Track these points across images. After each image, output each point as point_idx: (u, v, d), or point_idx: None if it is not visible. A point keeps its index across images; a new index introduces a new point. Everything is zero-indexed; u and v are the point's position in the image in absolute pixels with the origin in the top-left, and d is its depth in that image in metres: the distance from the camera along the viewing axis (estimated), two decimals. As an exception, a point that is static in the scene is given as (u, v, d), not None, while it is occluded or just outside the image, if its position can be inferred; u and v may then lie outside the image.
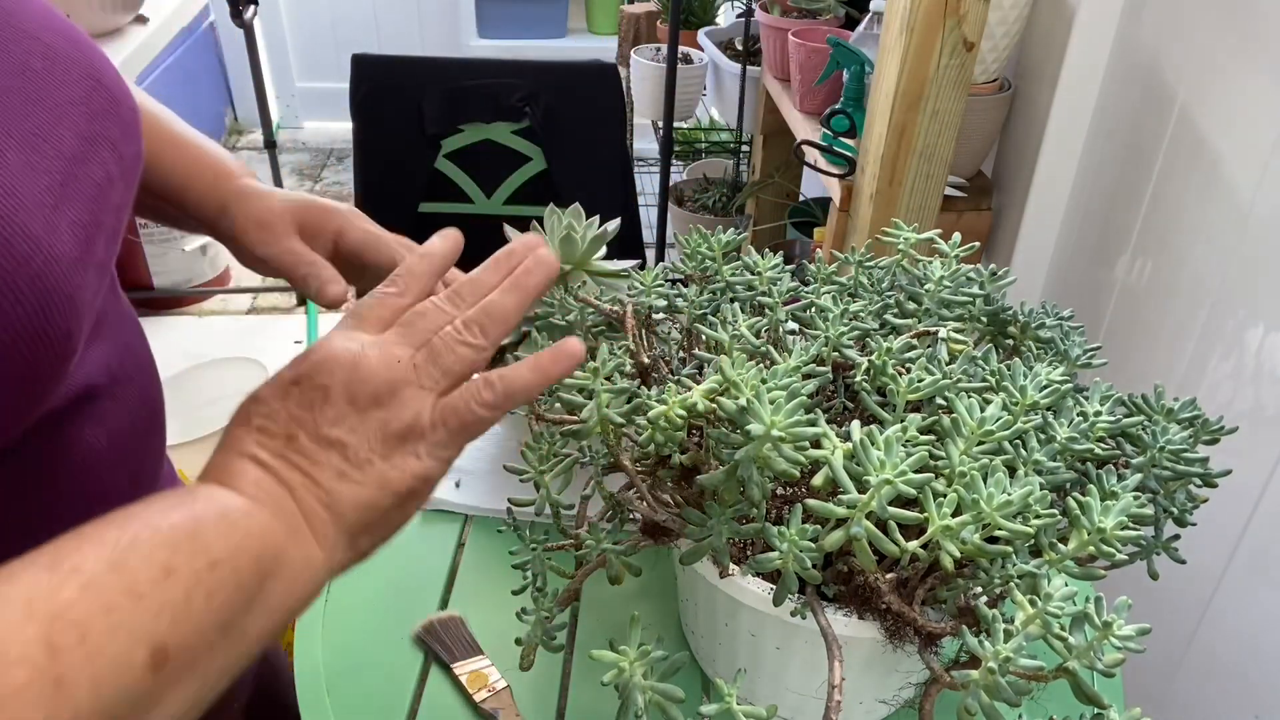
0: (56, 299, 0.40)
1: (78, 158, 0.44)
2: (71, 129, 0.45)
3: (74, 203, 0.43)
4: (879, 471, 0.47)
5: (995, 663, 0.44)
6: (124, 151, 0.48)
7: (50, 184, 0.42)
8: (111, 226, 0.47)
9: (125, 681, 0.35)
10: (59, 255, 0.41)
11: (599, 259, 0.89)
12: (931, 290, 0.67)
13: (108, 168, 0.46)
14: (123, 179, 0.48)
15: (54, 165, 0.43)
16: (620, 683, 0.49)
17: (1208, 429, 0.59)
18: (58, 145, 0.43)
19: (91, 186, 0.45)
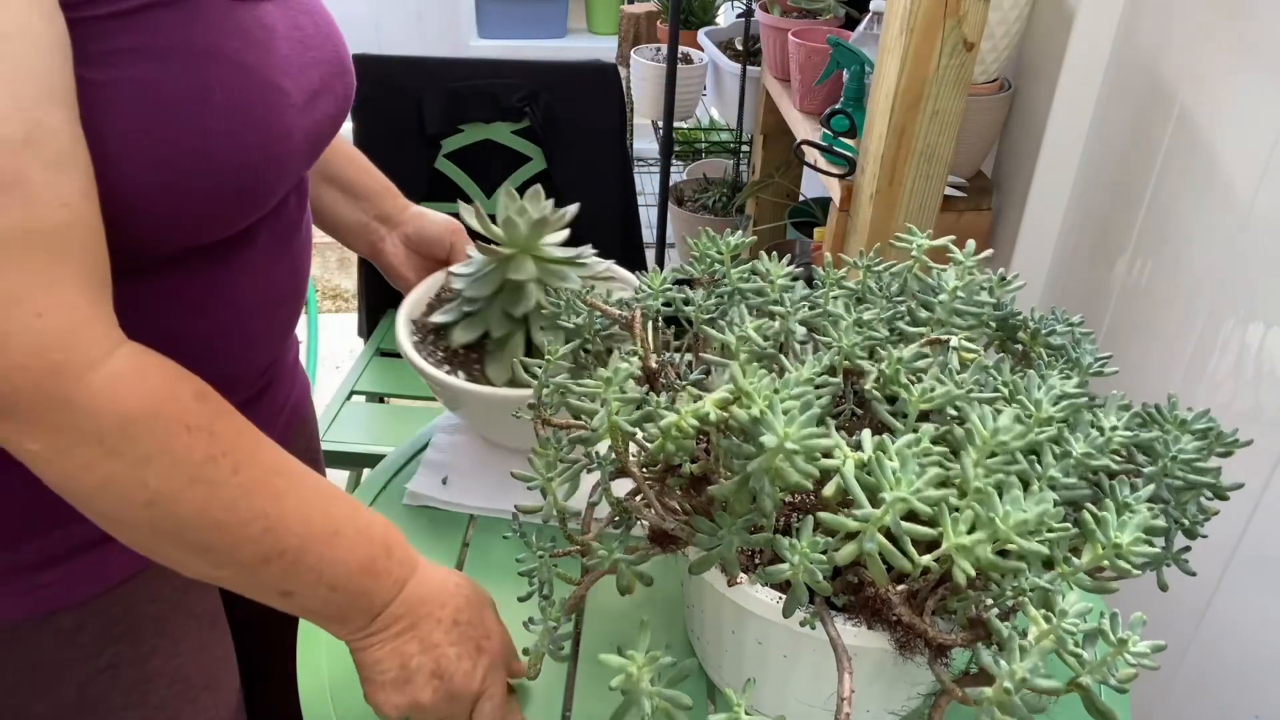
0: (278, 162, 0.63)
1: (318, 92, 0.67)
2: (319, 74, 0.67)
3: (308, 116, 0.66)
4: (894, 487, 0.47)
5: (1011, 682, 0.44)
6: (340, 106, 0.72)
7: (300, 99, 0.64)
8: (319, 149, 0.71)
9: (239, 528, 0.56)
10: (291, 136, 0.63)
11: (553, 244, 0.88)
12: (945, 300, 0.66)
13: (329, 109, 0.69)
14: (332, 122, 0.71)
15: (307, 89, 0.65)
16: (627, 687, 0.49)
17: (1221, 441, 0.59)
18: (310, 79, 0.66)
19: (319, 113, 0.68)
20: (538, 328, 0.87)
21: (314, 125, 0.67)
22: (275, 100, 0.61)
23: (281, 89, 0.62)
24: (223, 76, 0.57)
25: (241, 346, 0.72)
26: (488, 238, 0.88)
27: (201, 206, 0.60)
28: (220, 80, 0.57)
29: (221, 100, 0.57)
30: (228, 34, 0.58)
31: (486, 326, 0.87)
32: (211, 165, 0.58)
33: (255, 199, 0.64)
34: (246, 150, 0.59)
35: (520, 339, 0.87)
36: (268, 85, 0.61)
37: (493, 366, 0.88)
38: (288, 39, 0.64)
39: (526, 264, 0.86)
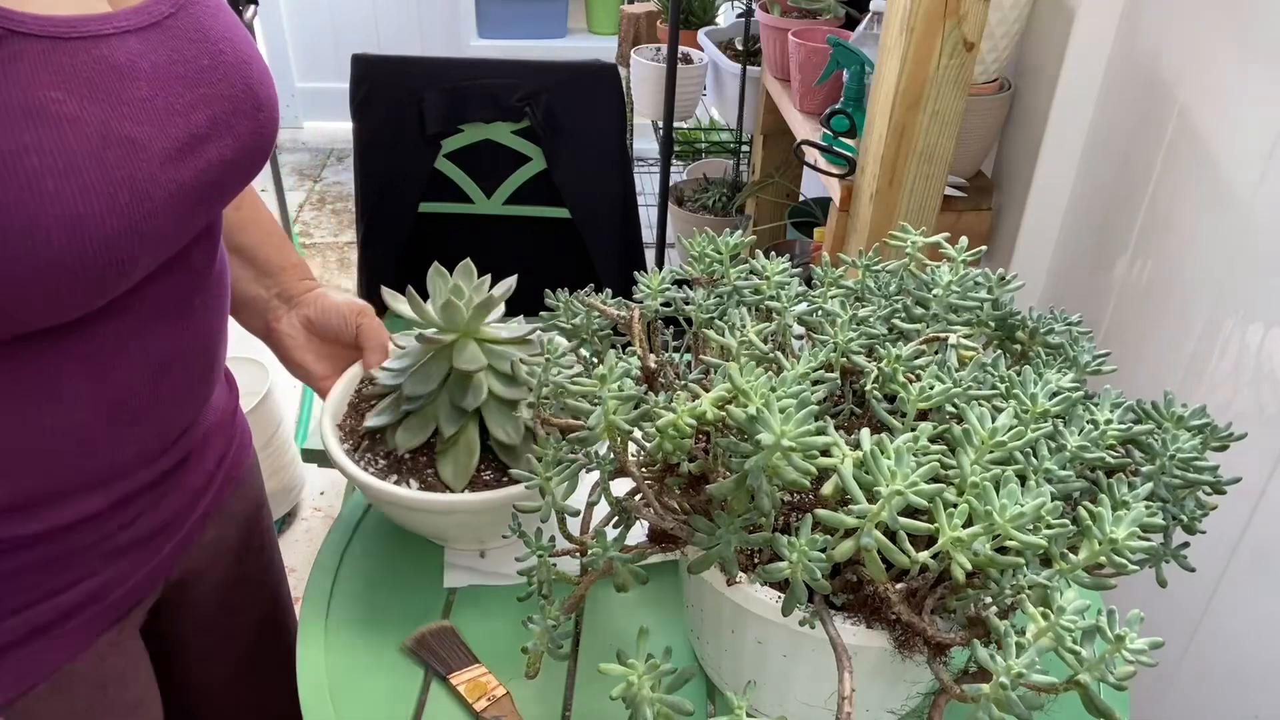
0: (134, 228, 0.53)
1: (203, 137, 0.58)
2: (207, 114, 0.58)
3: (183, 166, 0.56)
4: (890, 482, 0.47)
5: (1007, 678, 0.44)
6: (248, 145, 0.62)
7: (169, 148, 0.55)
8: (210, 199, 0.61)
9: None
10: (150, 195, 0.54)
11: (494, 322, 0.81)
12: (940, 295, 0.66)
13: (225, 153, 0.60)
14: (237, 167, 0.62)
15: (180, 135, 0.56)
16: (628, 695, 0.49)
17: (1217, 436, 0.59)
18: (191, 122, 0.57)
19: (204, 161, 0.58)
20: (492, 419, 0.80)
21: (194, 175, 0.57)
22: (118, 156, 0.52)
23: (132, 140, 0.53)
24: (37, 136, 0.49)
25: (127, 425, 0.65)
26: (422, 324, 0.80)
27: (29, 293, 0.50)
28: (36, 142, 0.48)
29: (37, 164, 0.48)
30: (44, 83, 0.49)
31: (435, 425, 0.79)
32: (30, 244, 0.49)
33: (101, 278, 0.53)
34: (79, 222, 0.50)
35: (474, 434, 0.79)
36: (108, 138, 0.52)
37: (448, 468, 0.79)
38: (155, 78, 0.55)
39: (473, 350, 0.79)
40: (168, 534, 0.75)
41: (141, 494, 0.69)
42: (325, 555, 0.86)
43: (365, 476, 0.77)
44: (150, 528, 0.72)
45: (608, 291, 0.76)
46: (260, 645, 0.93)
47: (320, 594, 0.82)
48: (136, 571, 0.72)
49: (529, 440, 0.79)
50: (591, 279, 1.61)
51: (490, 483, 0.79)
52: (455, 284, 0.80)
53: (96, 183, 0.51)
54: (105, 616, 0.70)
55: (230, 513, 0.85)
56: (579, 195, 1.65)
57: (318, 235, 3.21)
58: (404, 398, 0.79)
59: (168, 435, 0.70)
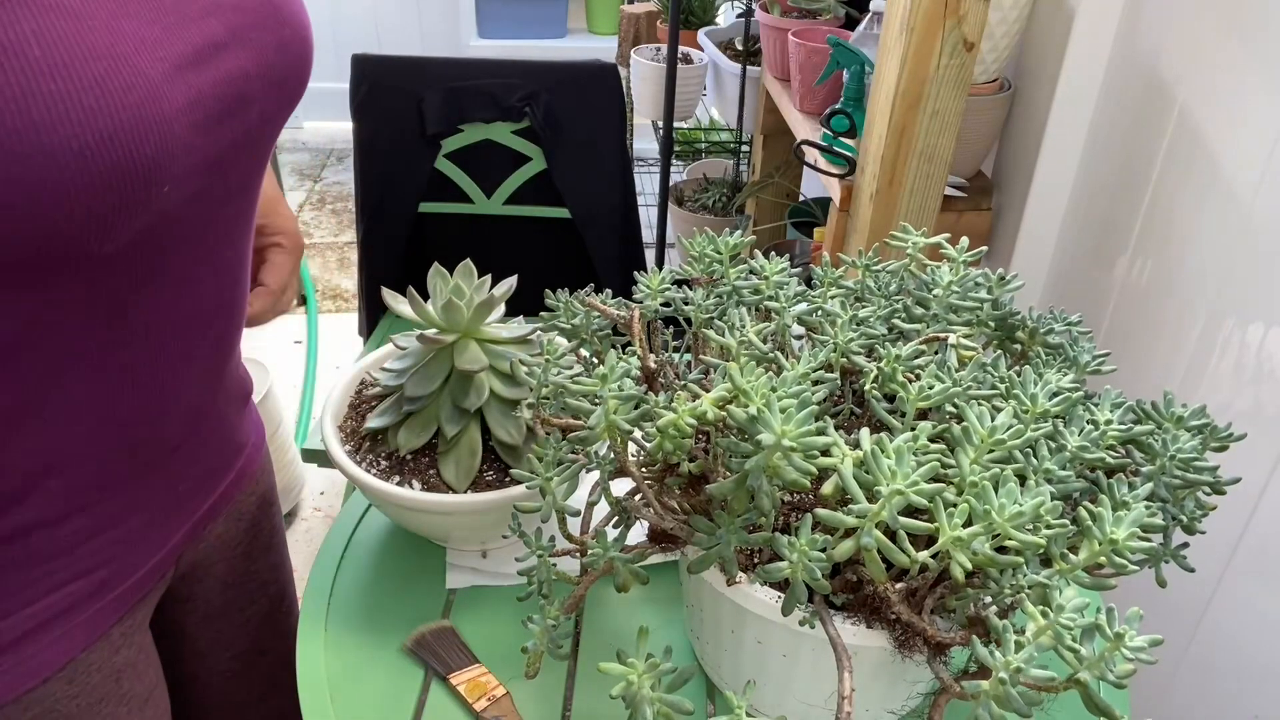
0: (148, 126, 0.49)
1: (220, 45, 0.55)
2: (223, 21, 0.55)
3: (200, 72, 0.53)
4: (890, 481, 0.47)
5: (1006, 674, 0.44)
6: (273, 60, 0.59)
7: (183, 51, 0.52)
8: (235, 112, 0.57)
9: None
10: (164, 96, 0.50)
11: (495, 322, 0.81)
12: (940, 295, 0.66)
13: (246, 64, 0.57)
14: (262, 80, 0.59)
15: (195, 40, 0.53)
16: (628, 695, 0.49)
17: (1216, 436, 0.59)
18: (205, 28, 0.54)
19: (223, 70, 0.55)
20: (494, 419, 0.80)
21: (212, 85, 0.54)
22: (127, 52, 0.49)
23: (141, 38, 0.50)
24: (40, 25, 0.46)
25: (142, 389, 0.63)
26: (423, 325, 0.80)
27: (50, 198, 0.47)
28: (37, 30, 0.45)
29: (39, 56, 0.45)
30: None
31: (437, 425, 0.79)
32: (41, 141, 0.45)
33: (122, 184, 0.49)
34: (88, 117, 0.47)
35: (476, 434, 0.79)
36: (116, 34, 0.48)
37: (450, 469, 0.79)
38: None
39: (474, 351, 0.78)
40: (180, 518, 0.75)
41: (154, 468, 0.69)
42: (325, 555, 0.86)
43: (367, 478, 0.77)
44: (162, 507, 0.72)
45: (608, 291, 0.76)
46: (263, 643, 0.93)
47: (320, 594, 0.82)
48: (146, 560, 0.72)
49: (531, 440, 0.79)
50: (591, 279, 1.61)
51: (493, 483, 0.79)
52: (456, 284, 0.80)
53: (106, 76, 0.47)
54: (115, 609, 0.70)
55: (240, 510, 0.85)
56: (579, 195, 1.65)
57: (318, 235, 3.21)
58: (405, 398, 0.79)
59: (181, 404, 0.69)
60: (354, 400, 0.86)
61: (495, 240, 1.72)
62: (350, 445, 0.82)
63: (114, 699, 0.72)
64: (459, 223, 1.71)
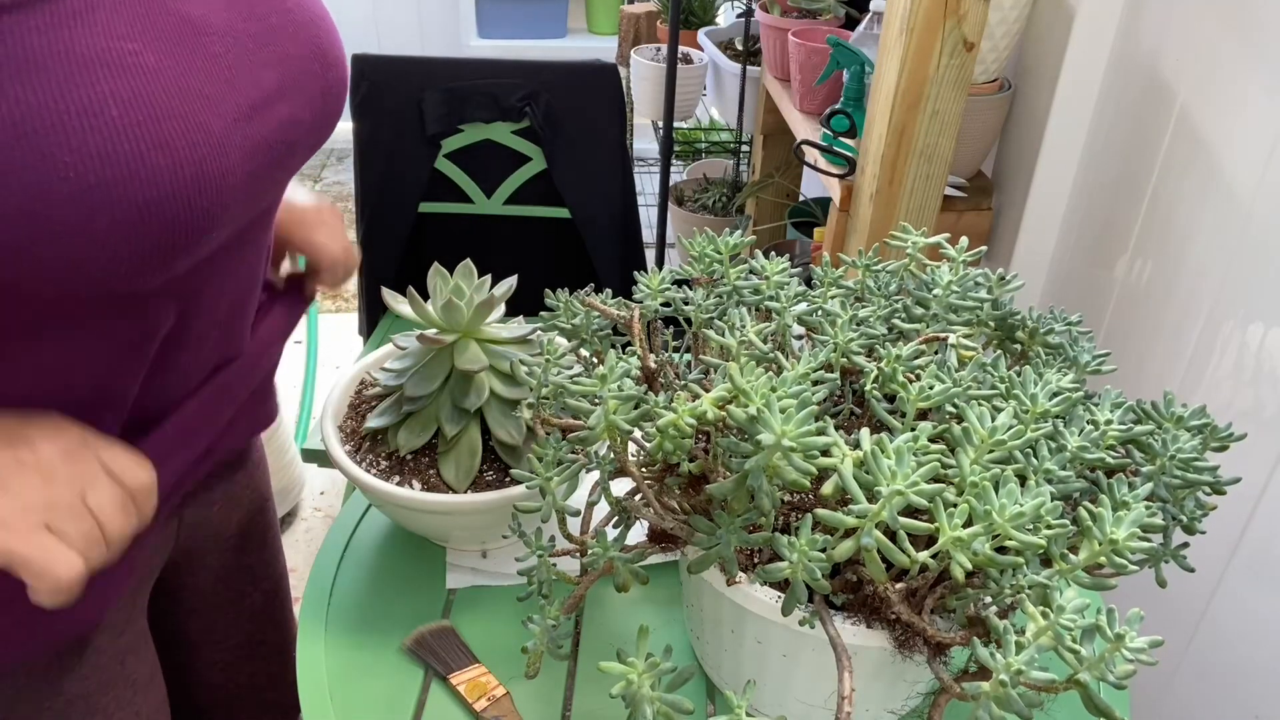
0: (208, 182, 0.51)
1: (274, 95, 0.57)
2: (277, 73, 0.57)
3: (255, 124, 0.55)
4: (890, 481, 0.47)
5: (1006, 675, 0.44)
6: (318, 106, 0.62)
7: (241, 105, 0.54)
8: (283, 160, 0.59)
9: None
10: (224, 153, 0.52)
11: (495, 322, 0.81)
12: (940, 295, 0.66)
13: (296, 112, 0.59)
14: (308, 127, 0.61)
15: (252, 93, 0.55)
16: (628, 694, 0.49)
17: (1216, 436, 0.59)
18: (261, 80, 0.56)
19: (276, 120, 0.57)
20: (494, 419, 0.80)
21: (266, 134, 0.57)
22: (194, 110, 0.51)
23: (206, 96, 0.52)
24: (117, 87, 0.47)
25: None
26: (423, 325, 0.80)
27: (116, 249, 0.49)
28: (115, 93, 0.47)
29: (117, 117, 0.47)
30: (120, 34, 0.48)
31: (437, 425, 0.79)
32: (112, 198, 0.48)
33: (182, 236, 0.52)
34: (157, 176, 0.49)
35: (476, 434, 0.79)
36: (186, 92, 0.51)
37: (450, 469, 0.78)
38: (227, 34, 0.55)
39: (474, 351, 0.78)
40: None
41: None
42: (325, 555, 0.86)
43: (367, 478, 0.77)
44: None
45: (608, 291, 0.76)
46: (257, 637, 0.94)
47: (320, 594, 0.82)
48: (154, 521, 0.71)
49: (531, 440, 0.79)
50: (591, 279, 1.62)
51: (493, 483, 0.79)
52: (456, 284, 0.80)
53: (174, 136, 0.49)
54: (123, 578, 0.70)
55: (237, 499, 0.85)
56: (579, 195, 1.65)
57: (318, 235, 3.20)
58: (405, 398, 0.79)
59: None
60: (354, 400, 0.86)
61: (495, 240, 1.72)
62: (350, 445, 0.82)
63: (120, 682, 0.73)
64: (459, 223, 1.71)
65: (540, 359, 0.67)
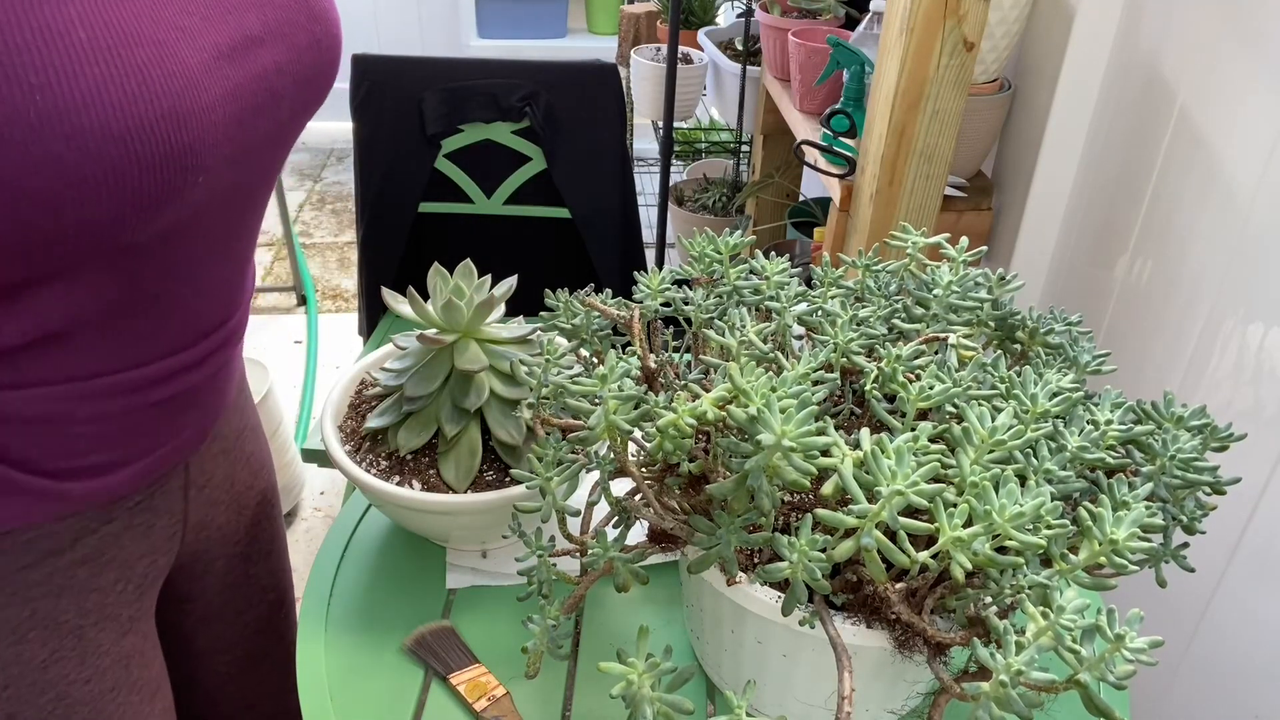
0: (187, 114, 0.49)
1: (256, 40, 0.55)
2: (259, 17, 0.56)
3: (236, 65, 0.53)
4: (890, 481, 0.47)
5: (1007, 675, 0.44)
6: (307, 60, 0.60)
7: (219, 43, 0.52)
8: (268, 109, 0.57)
9: None
10: (202, 86, 0.50)
11: (495, 322, 0.81)
12: (940, 295, 0.66)
13: (280, 60, 0.57)
14: (295, 80, 0.59)
15: (232, 33, 0.53)
16: (628, 694, 0.49)
17: (1216, 436, 0.59)
18: (242, 22, 0.54)
19: (258, 65, 0.55)
20: (494, 419, 0.80)
21: (248, 79, 0.54)
22: (169, 39, 0.49)
23: (182, 27, 0.50)
24: (84, 9, 0.46)
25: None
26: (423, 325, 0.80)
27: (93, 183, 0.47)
28: (81, 14, 0.45)
29: (84, 39, 0.45)
30: None
31: (437, 425, 0.79)
32: (80, 123, 0.45)
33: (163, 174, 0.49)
34: (131, 102, 0.46)
35: (476, 434, 0.79)
36: (158, 21, 0.48)
37: (450, 469, 0.79)
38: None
39: (474, 351, 0.78)
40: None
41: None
42: (325, 555, 0.86)
43: (367, 478, 0.77)
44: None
45: (608, 291, 0.76)
46: (262, 648, 0.93)
47: (320, 594, 0.82)
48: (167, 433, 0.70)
49: (531, 440, 0.79)
50: (591, 279, 1.62)
51: (493, 483, 0.79)
52: (456, 284, 0.80)
53: (147, 64, 0.47)
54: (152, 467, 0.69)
55: (242, 502, 0.85)
56: (579, 195, 1.65)
57: (318, 235, 3.21)
58: (405, 398, 0.79)
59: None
60: (354, 400, 0.86)
61: (495, 240, 1.72)
62: (350, 445, 0.82)
63: (125, 687, 0.72)
64: (459, 223, 1.71)
65: (540, 359, 0.67)
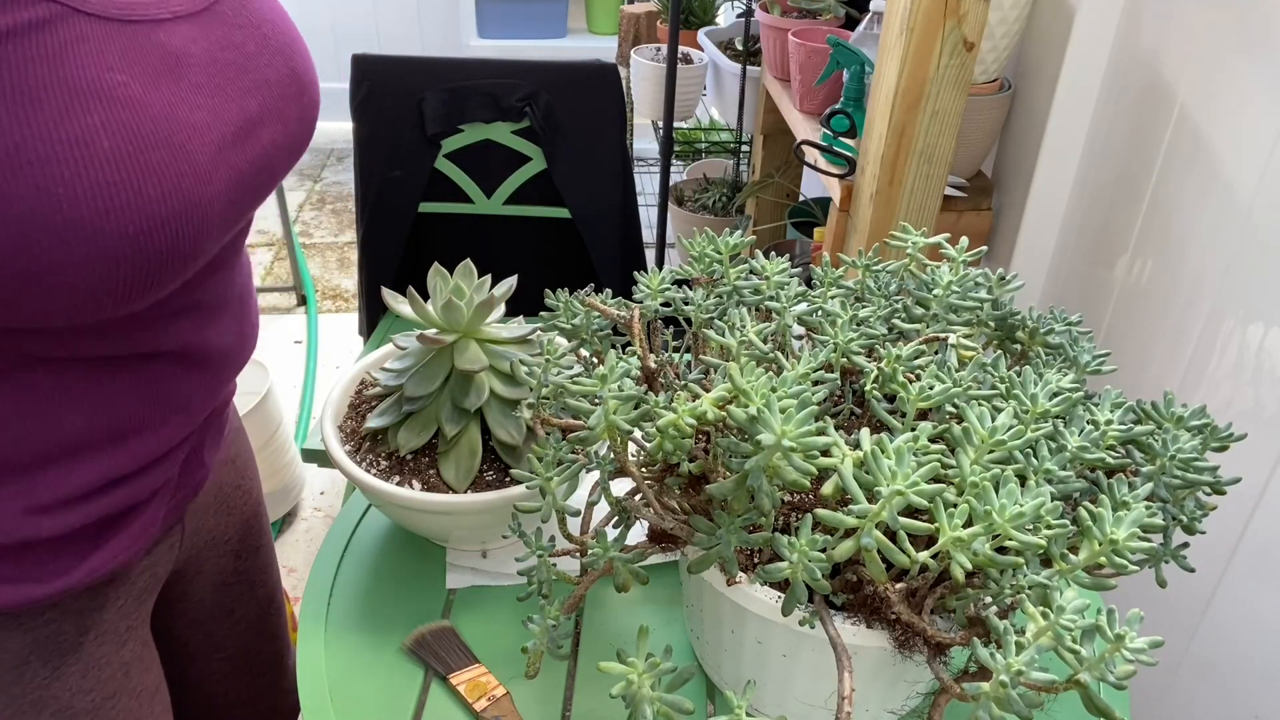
0: (194, 210, 0.53)
1: (256, 122, 0.58)
2: (258, 100, 0.58)
3: (238, 151, 0.56)
4: (890, 481, 0.47)
5: (1007, 675, 0.44)
6: (295, 130, 0.63)
7: (225, 134, 0.55)
8: (263, 184, 0.60)
9: None
10: (209, 180, 0.54)
11: (495, 322, 0.81)
12: (940, 295, 0.66)
13: (276, 137, 0.60)
14: (286, 151, 0.62)
15: (236, 121, 0.56)
16: (628, 694, 0.49)
17: (1216, 436, 0.59)
18: (244, 108, 0.57)
19: (258, 147, 0.58)
20: (494, 419, 0.80)
21: (249, 161, 0.58)
22: (181, 141, 0.52)
23: (193, 125, 0.53)
24: (108, 118, 0.48)
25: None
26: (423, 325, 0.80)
27: (105, 278, 0.50)
28: (105, 122, 0.48)
29: (108, 146, 0.48)
30: (108, 65, 0.49)
31: (437, 425, 0.79)
32: (104, 228, 0.49)
33: (167, 264, 0.53)
34: (148, 206, 0.50)
35: (476, 434, 0.79)
36: (172, 123, 0.52)
37: (450, 469, 0.79)
38: (208, 64, 0.55)
39: (474, 351, 0.78)
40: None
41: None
42: (325, 555, 0.86)
43: (367, 478, 0.77)
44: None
45: (608, 291, 0.76)
46: (254, 645, 0.94)
47: (320, 594, 0.82)
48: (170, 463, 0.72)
49: (531, 440, 0.79)
50: (591, 279, 1.61)
51: (493, 483, 0.79)
52: (456, 284, 0.80)
53: (162, 166, 0.50)
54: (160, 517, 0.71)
55: (231, 506, 0.85)
56: (579, 195, 1.65)
57: (318, 235, 3.21)
58: (405, 398, 0.79)
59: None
60: (354, 400, 0.86)
61: (495, 240, 1.72)
62: (350, 445, 0.82)
63: (125, 692, 0.73)
64: (459, 223, 1.71)
65: (540, 359, 0.67)
